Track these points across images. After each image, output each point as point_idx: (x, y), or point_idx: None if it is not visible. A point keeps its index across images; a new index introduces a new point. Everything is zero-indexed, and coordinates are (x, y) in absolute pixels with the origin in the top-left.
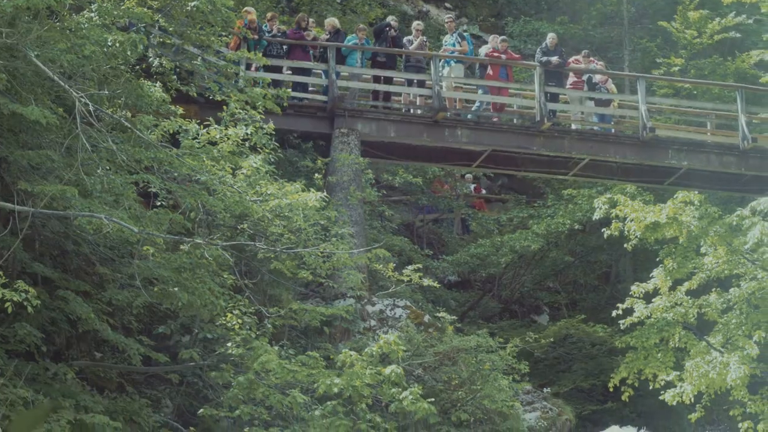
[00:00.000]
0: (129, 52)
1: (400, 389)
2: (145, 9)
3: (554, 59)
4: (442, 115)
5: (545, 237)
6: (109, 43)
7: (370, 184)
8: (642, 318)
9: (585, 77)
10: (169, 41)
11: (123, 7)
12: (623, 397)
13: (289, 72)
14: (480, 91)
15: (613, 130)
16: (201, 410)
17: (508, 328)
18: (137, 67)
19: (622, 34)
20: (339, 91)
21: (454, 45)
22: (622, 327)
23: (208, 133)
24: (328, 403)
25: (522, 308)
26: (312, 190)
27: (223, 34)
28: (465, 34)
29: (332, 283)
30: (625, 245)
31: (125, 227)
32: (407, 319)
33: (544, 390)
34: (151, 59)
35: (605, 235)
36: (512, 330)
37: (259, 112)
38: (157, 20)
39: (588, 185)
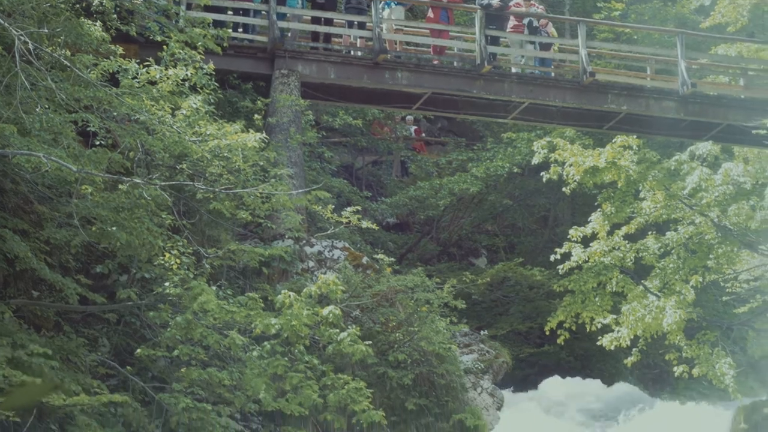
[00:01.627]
0: None
1: (337, 330)
2: None
3: (495, 2)
4: (383, 57)
5: (484, 180)
6: None
7: (309, 125)
8: (580, 262)
9: (525, 21)
10: None
11: None
12: (560, 341)
13: (230, 12)
14: None
15: (553, 74)
16: (138, 350)
17: (446, 270)
18: (77, 5)
19: None
20: (279, 32)
21: None
22: (560, 272)
23: (148, 73)
24: (266, 343)
25: (460, 251)
26: (251, 131)
27: None
28: None
29: (271, 224)
30: (564, 189)
31: (64, 166)
32: (345, 260)
33: (482, 332)
34: None
35: (544, 179)
36: (450, 272)
37: (200, 53)
38: None
39: (527, 129)
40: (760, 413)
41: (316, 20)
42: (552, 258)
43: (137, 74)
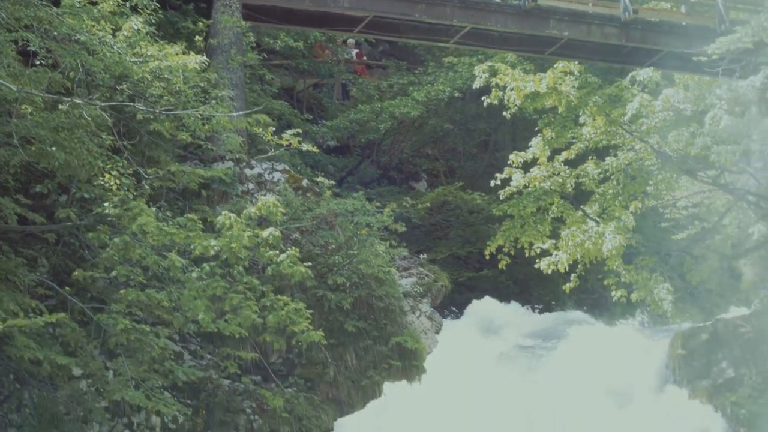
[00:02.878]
0: None
1: (277, 252)
2: None
3: None
4: None
5: (425, 104)
6: None
7: (251, 47)
8: (519, 187)
9: None
10: None
11: None
12: (499, 265)
13: None
14: None
15: None
16: (77, 271)
17: (386, 194)
18: None
19: None
20: None
21: None
22: (500, 197)
23: None
24: (205, 265)
25: (400, 175)
26: (192, 52)
27: None
28: None
29: (211, 145)
30: (505, 114)
31: (3, 85)
32: (285, 183)
33: (421, 256)
34: None
35: (485, 104)
36: (390, 196)
37: None
38: None
39: (469, 53)
40: (698, 339)
41: None
42: (492, 183)
43: None
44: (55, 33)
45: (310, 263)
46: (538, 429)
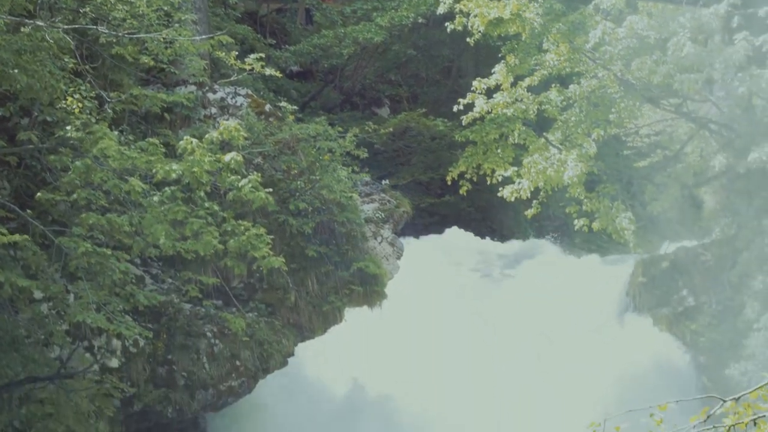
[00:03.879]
0: None
1: (239, 177)
2: None
3: None
4: None
5: (388, 29)
6: None
7: None
8: (482, 113)
9: None
10: None
11: None
12: (461, 191)
13: None
14: None
15: None
16: (38, 194)
17: (348, 119)
18: None
19: None
20: None
21: None
22: (463, 122)
23: None
24: (167, 189)
25: (363, 100)
26: None
27: None
28: None
29: (174, 69)
30: (468, 40)
31: None
32: (248, 107)
33: (383, 182)
34: None
35: (448, 30)
36: (353, 121)
37: None
38: None
39: None
40: (658, 267)
41: None
42: (455, 109)
43: None
44: None
45: (271, 188)
46: (498, 356)
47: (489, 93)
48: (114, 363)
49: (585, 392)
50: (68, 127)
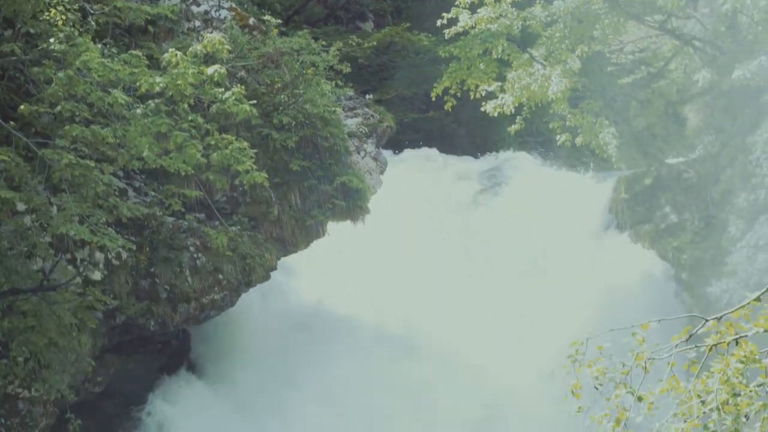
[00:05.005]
0: None
1: (222, 90)
2: None
3: None
4: None
5: None
6: None
7: None
8: (466, 28)
9: None
10: None
11: None
12: (445, 107)
13: None
14: None
15: None
16: (22, 106)
17: (332, 33)
18: None
19: None
20: None
21: None
22: (446, 36)
23: None
24: (150, 102)
25: (347, 14)
26: None
27: None
28: None
29: None
30: None
31: None
32: (232, 20)
33: (367, 96)
34: None
35: None
36: (336, 35)
37: None
38: None
39: None
40: (641, 184)
41: None
42: (439, 23)
43: None
44: None
45: (255, 102)
46: (481, 272)
47: (473, 8)
48: (97, 275)
49: (567, 309)
50: (51, 40)
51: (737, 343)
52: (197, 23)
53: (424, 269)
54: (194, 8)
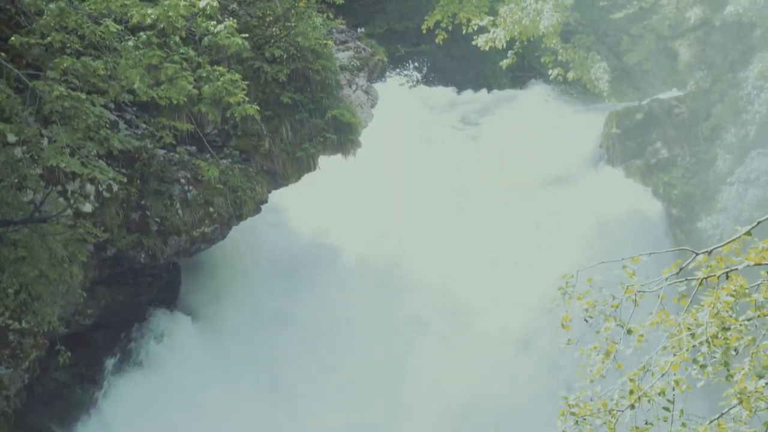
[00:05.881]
0: None
1: (214, 22)
2: None
3: None
4: None
5: None
6: None
7: None
8: None
9: None
10: None
11: None
12: (437, 40)
13: None
14: None
15: None
16: (13, 37)
17: None
18: None
19: None
20: None
21: None
22: None
23: None
24: (142, 33)
25: None
26: None
27: None
28: None
29: None
30: None
31: None
32: None
33: (358, 30)
34: None
35: None
36: None
37: None
38: None
39: None
40: (633, 118)
41: None
42: None
43: None
44: None
45: (246, 35)
46: (472, 205)
47: None
48: (87, 208)
49: (558, 243)
50: None
51: (727, 276)
52: None
53: (416, 203)
54: None
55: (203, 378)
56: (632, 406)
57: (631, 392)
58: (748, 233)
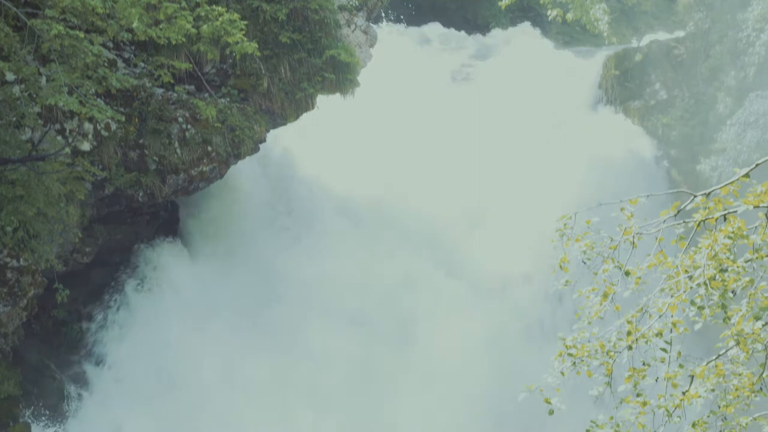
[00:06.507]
0: None
1: None
2: None
3: None
4: None
5: None
6: None
7: None
8: None
9: None
10: None
11: None
12: None
13: None
14: None
15: None
16: None
17: None
18: None
19: None
20: None
21: None
22: None
23: None
24: None
25: None
26: None
27: None
28: None
29: None
30: None
31: None
32: None
33: None
34: None
35: None
36: None
37: None
38: None
39: None
40: (632, 60)
41: None
42: None
43: None
44: None
45: None
46: (471, 146)
47: None
48: (85, 146)
49: (555, 184)
50: None
51: (725, 219)
52: None
53: (411, 145)
54: None
55: (201, 313)
56: (630, 348)
57: (629, 334)
58: (747, 176)
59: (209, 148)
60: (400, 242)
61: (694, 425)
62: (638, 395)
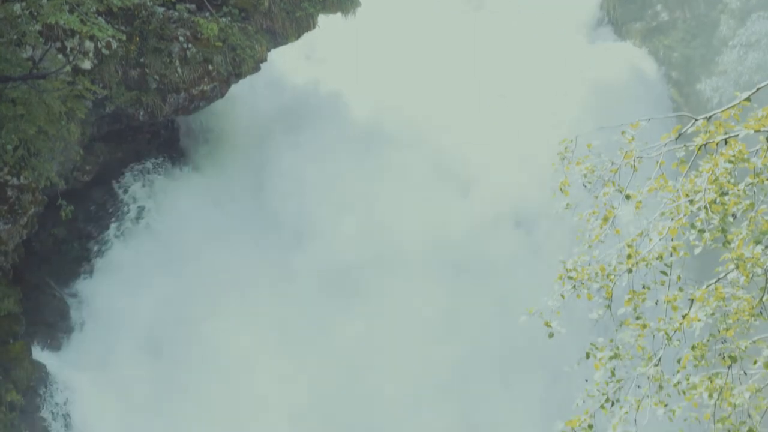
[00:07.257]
0: None
1: None
2: None
3: None
4: None
5: None
6: None
7: None
8: None
9: None
10: None
11: None
12: None
13: None
14: None
15: None
16: None
17: None
18: None
19: None
20: None
21: None
22: None
23: None
24: None
25: None
26: None
27: None
28: None
29: None
30: None
31: None
32: None
33: None
34: None
35: None
36: None
37: None
38: None
39: None
40: None
41: None
42: None
43: None
44: None
45: None
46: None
47: None
48: (86, 65)
49: (557, 106)
50: None
51: (726, 142)
52: None
53: (420, 63)
54: None
55: (202, 233)
56: (630, 271)
57: (629, 257)
58: (748, 99)
59: (210, 67)
60: (399, 152)
61: (693, 348)
62: (638, 318)
